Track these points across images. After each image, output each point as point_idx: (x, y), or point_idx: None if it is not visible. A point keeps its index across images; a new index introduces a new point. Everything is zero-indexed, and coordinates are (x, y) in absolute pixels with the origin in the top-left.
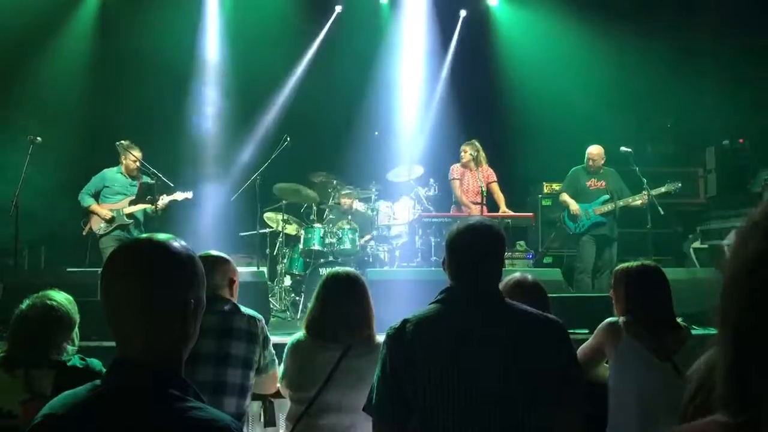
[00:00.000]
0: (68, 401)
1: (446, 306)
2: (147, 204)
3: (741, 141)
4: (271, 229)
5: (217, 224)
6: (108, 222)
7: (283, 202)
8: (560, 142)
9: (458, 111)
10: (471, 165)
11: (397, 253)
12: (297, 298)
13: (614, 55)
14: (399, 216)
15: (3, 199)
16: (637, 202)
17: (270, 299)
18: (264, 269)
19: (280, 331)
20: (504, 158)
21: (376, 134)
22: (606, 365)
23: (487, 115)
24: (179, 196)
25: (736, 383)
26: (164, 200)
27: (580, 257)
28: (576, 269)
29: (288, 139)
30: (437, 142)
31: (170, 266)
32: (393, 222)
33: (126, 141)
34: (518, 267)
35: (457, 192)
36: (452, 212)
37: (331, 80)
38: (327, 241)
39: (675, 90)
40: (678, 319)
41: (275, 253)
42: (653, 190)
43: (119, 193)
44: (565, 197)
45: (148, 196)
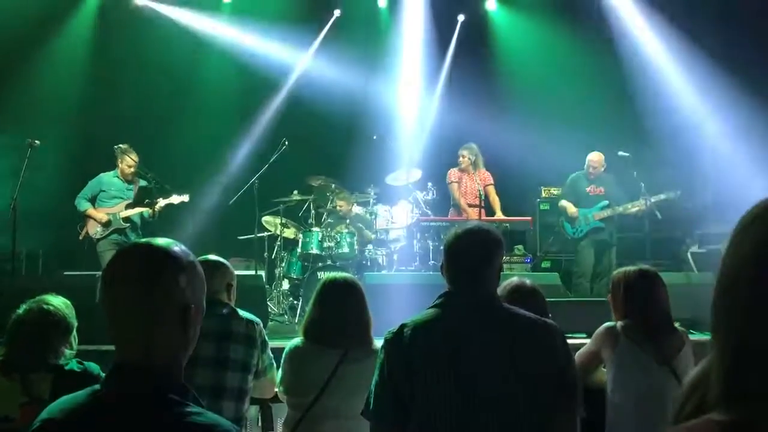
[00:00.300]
0: (67, 406)
1: (444, 310)
2: (144, 207)
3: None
4: (270, 233)
5: (216, 228)
6: (104, 226)
7: (282, 206)
8: (558, 147)
9: (456, 115)
10: (469, 169)
11: (396, 257)
12: (295, 302)
13: (613, 58)
14: (397, 220)
15: (1, 203)
16: (635, 209)
17: (268, 303)
18: (262, 273)
19: (278, 335)
20: (502, 162)
21: (375, 138)
22: (604, 370)
23: (485, 119)
24: (175, 200)
25: (733, 382)
26: (160, 204)
27: (579, 262)
28: (574, 274)
29: (286, 143)
30: (435, 146)
31: (170, 271)
32: (391, 226)
33: (125, 145)
34: (516, 271)
35: (456, 195)
36: (450, 216)
37: (330, 84)
38: (325, 245)
39: (677, 90)
40: (676, 324)
41: (273, 257)
42: (652, 197)
43: (116, 197)
44: (564, 203)
45: (146, 200)
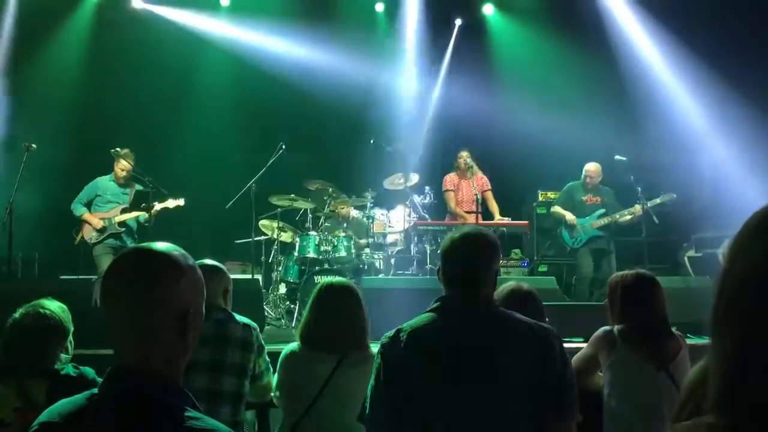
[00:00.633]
0: (65, 409)
1: (440, 315)
2: (140, 212)
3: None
4: (266, 237)
5: (212, 231)
6: (99, 232)
7: (279, 210)
8: (555, 151)
9: (454, 119)
10: (467, 173)
11: (393, 261)
12: (292, 306)
13: (610, 62)
14: (394, 224)
15: None
16: (631, 216)
17: (265, 307)
18: (259, 277)
19: (275, 340)
20: (499, 166)
21: (372, 142)
22: (601, 374)
23: (483, 123)
24: (171, 204)
25: (732, 386)
26: (156, 208)
27: (578, 267)
28: (575, 279)
29: (283, 147)
30: (433, 150)
31: (169, 275)
32: (388, 230)
33: (125, 150)
34: (513, 275)
35: (452, 204)
36: (448, 220)
37: (327, 88)
38: (322, 249)
39: (672, 94)
40: (673, 328)
41: (270, 261)
42: (648, 202)
43: (111, 202)
44: (559, 209)
45: (143, 204)
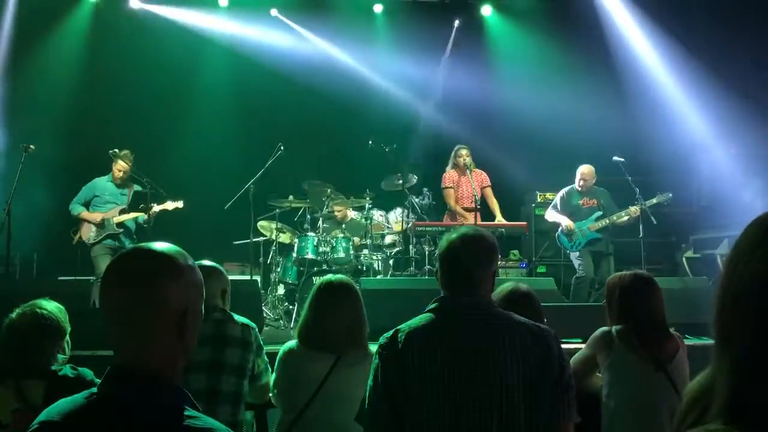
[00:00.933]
0: (64, 409)
1: (438, 316)
2: (139, 213)
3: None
4: (265, 238)
5: (211, 233)
6: (98, 227)
7: (277, 211)
8: (554, 151)
9: (452, 119)
10: (466, 170)
11: (391, 262)
12: (291, 307)
13: (607, 63)
14: (393, 225)
15: None
16: (627, 217)
17: (263, 308)
18: (257, 278)
19: (274, 341)
20: (497, 167)
21: (370, 143)
22: (599, 375)
23: (481, 124)
24: (170, 206)
25: (737, 394)
26: (155, 209)
27: (578, 269)
28: (575, 279)
29: (282, 148)
30: (431, 151)
31: (169, 275)
32: (387, 231)
33: (124, 151)
34: (512, 276)
35: (451, 202)
36: (446, 220)
37: (326, 88)
38: (321, 250)
39: (670, 96)
40: (671, 328)
41: (269, 262)
42: (645, 202)
43: (109, 202)
44: (555, 215)
45: (141, 205)
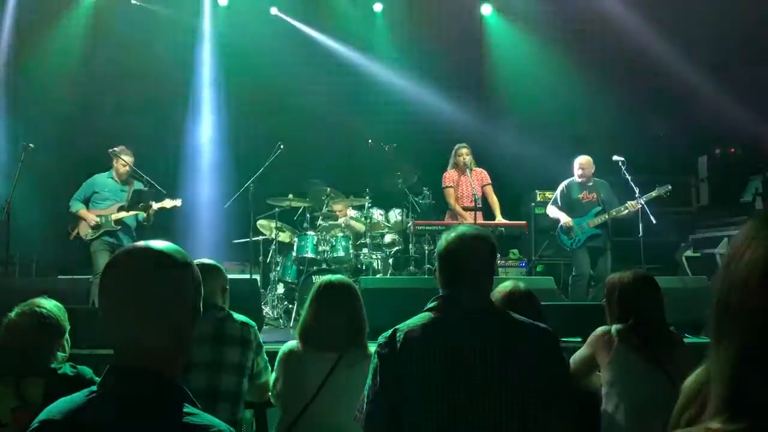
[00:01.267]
0: (65, 407)
1: (437, 315)
2: (138, 211)
3: (732, 150)
4: (264, 237)
5: (210, 231)
6: (93, 229)
7: (277, 210)
8: (553, 151)
9: (452, 118)
10: (466, 169)
11: (391, 261)
12: (290, 306)
13: (607, 63)
14: (392, 224)
15: None
16: (626, 211)
17: (263, 307)
18: (257, 277)
19: (274, 340)
20: (497, 166)
21: (370, 142)
22: (599, 374)
23: (481, 123)
24: (168, 204)
25: (735, 392)
26: (154, 207)
27: (577, 266)
28: (573, 277)
29: (281, 147)
30: (431, 150)
31: (168, 274)
32: (386, 230)
33: (121, 146)
34: (511, 275)
35: (452, 201)
36: (446, 220)
37: (325, 87)
38: (320, 249)
39: (668, 97)
40: (671, 328)
41: (268, 261)
42: (644, 196)
43: (108, 199)
44: (555, 211)
45: (141, 203)
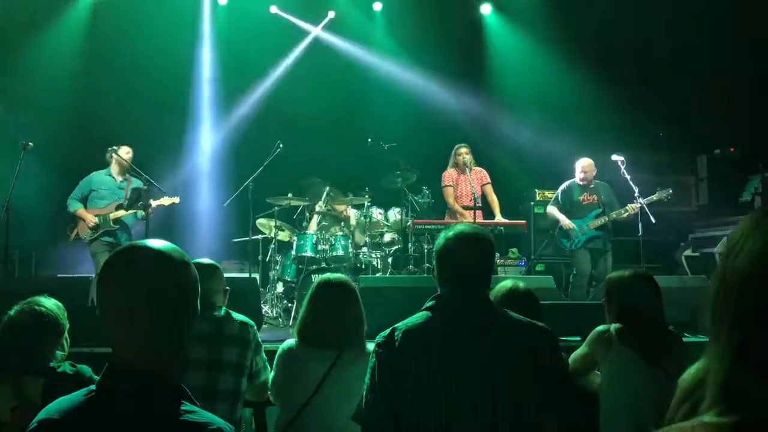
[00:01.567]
0: (64, 406)
1: (435, 314)
2: (137, 209)
3: (732, 150)
4: (264, 236)
5: (210, 230)
6: (92, 229)
7: (276, 209)
8: (553, 150)
9: (452, 117)
10: (465, 168)
11: (390, 260)
12: (289, 305)
13: (606, 63)
14: (392, 223)
15: None
16: (626, 213)
17: (262, 306)
18: (256, 276)
19: (273, 339)
20: (496, 165)
21: (369, 141)
22: (597, 373)
23: (480, 121)
24: (166, 201)
25: (730, 385)
26: (152, 205)
27: (577, 265)
28: (573, 276)
29: (281, 146)
30: (430, 149)
31: (166, 272)
32: (386, 229)
33: (122, 146)
34: (510, 274)
35: (451, 200)
36: (446, 219)
37: (325, 86)
38: (319, 248)
39: (667, 98)
40: (669, 327)
41: (267, 260)
42: (644, 199)
43: (106, 198)
44: (555, 212)
45: (140, 201)
